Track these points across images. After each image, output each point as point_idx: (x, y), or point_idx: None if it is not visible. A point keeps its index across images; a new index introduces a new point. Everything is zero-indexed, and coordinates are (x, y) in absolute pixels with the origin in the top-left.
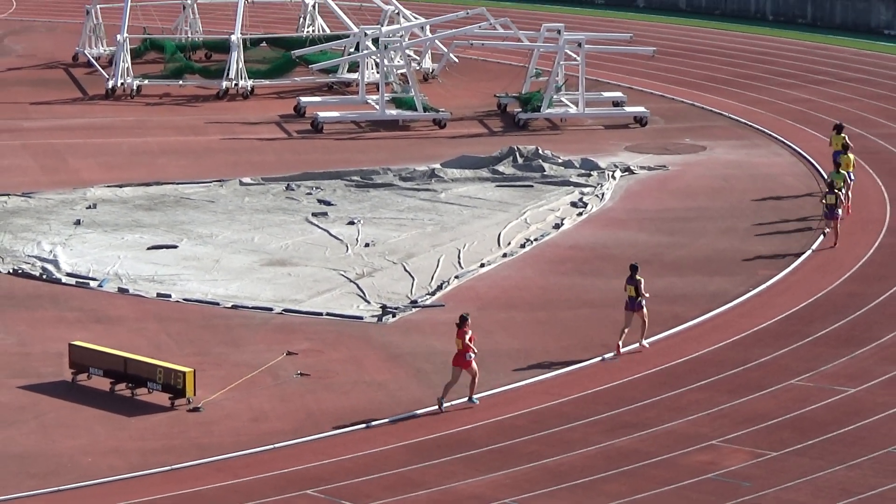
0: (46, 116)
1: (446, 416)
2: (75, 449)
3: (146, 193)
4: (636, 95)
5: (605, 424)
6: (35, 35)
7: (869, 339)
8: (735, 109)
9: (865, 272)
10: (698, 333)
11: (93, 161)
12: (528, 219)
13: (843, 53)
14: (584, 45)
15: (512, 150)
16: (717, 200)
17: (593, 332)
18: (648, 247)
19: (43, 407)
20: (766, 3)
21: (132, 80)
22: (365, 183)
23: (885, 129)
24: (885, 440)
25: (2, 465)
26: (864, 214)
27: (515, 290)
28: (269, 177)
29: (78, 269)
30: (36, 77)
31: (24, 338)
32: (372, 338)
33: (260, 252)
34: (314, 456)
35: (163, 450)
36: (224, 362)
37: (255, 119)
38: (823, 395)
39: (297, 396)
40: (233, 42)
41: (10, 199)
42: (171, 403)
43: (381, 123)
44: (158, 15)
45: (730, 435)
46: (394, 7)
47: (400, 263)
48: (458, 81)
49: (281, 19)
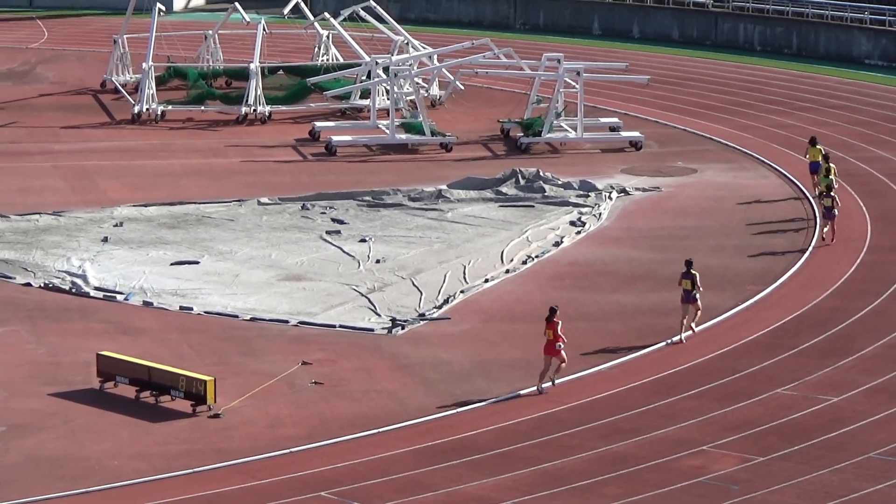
0: (76, 140)
1: (452, 423)
2: (102, 453)
3: (170, 212)
4: (631, 121)
5: (602, 430)
6: (65, 63)
7: (851, 351)
8: (725, 134)
9: (848, 288)
10: (690, 345)
11: (119, 182)
12: (529, 237)
13: (826, 82)
14: (583, 74)
15: (514, 173)
16: (708, 220)
17: (590, 344)
18: (643, 263)
19: (72, 413)
20: (754, 34)
21: (157, 106)
22: (376, 203)
23: (866, 152)
24: (865, 446)
25: (33, 467)
26: (846, 233)
27: (517, 303)
28: (286, 197)
29: (105, 283)
30: (66, 103)
31: (55, 348)
32: (382, 349)
33: (277, 268)
34: (328, 460)
35: (185, 454)
36: (243, 371)
37: (273, 143)
38: (808, 404)
39: (311, 403)
40: (251, 70)
41: (42, 218)
42: (193, 410)
43: (391, 147)
44: (182, 44)
45: (719, 441)
46: (403, 37)
47: (409, 279)
48: (464, 108)
49: (297, 49)
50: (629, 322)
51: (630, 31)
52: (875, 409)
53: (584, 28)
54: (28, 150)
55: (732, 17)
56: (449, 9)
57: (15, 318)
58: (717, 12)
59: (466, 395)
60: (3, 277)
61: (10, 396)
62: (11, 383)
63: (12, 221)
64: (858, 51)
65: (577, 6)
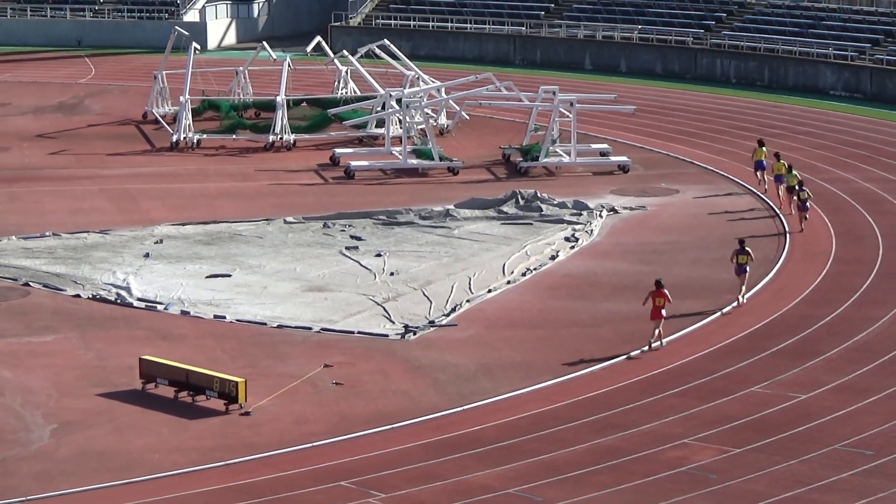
0: (121, 165)
1: (459, 419)
2: (145, 447)
3: (205, 230)
4: (620, 147)
5: (594, 426)
6: (110, 97)
7: (818, 353)
8: (703, 158)
9: (815, 297)
10: (673, 348)
11: (160, 203)
12: (528, 251)
13: (794, 111)
14: (576, 104)
15: (514, 194)
16: (688, 235)
17: (584, 347)
18: (630, 275)
19: (117, 412)
20: (730, 68)
21: (193, 135)
22: (390, 221)
23: (830, 174)
24: (831, 439)
25: (83, 461)
26: (812, 247)
27: (518, 311)
28: (309, 216)
29: (147, 294)
30: (112, 132)
31: (102, 353)
32: (396, 352)
33: (301, 280)
34: (347, 452)
35: (218, 448)
36: (271, 373)
37: (297, 167)
38: (779, 401)
39: (332, 402)
40: (278, 102)
41: (90, 236)
42: (226, 408)
43: (404, 171)
44: (215, 79)
45: (700, 434)
46: (414, 72)
47: (420, 289)
48: (469, 135)
49: (319, 83)
50: (618, 328)
51: (618, 66)
52: (840, 405)
53: (576, 63)
54: (77, 175)
55: (710, 53)
56: (455, 47)
57: (66, 327)
58: (697, 49)
59: (472, 393)
60: (55, 290)
61: (62, 397)
62: (63, 385)
63: (63, 239)
64: (824, 83)
65: (571, 44)
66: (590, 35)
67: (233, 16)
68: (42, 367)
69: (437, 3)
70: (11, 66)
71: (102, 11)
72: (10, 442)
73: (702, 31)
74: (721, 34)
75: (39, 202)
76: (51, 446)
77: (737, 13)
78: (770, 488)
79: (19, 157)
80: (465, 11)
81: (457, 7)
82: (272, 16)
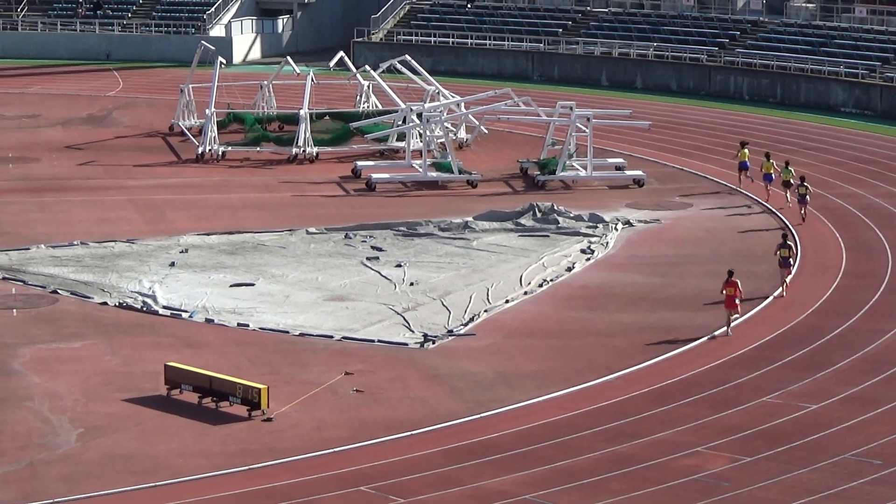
0: (147, 176)
1: (476, 426)
2: (169, 451)
3: (229, 240)
4: (635, 161)
5: (608, 434)
6: (138, 109)
7: (828, 364)
8: (717, 173)
9: (825, 309)
10: (686, 359)
11: (185, 213)
12: (545, 263)
13: (805, 127)
14: (592, 120)
15: (532, 206)
16: (702, 248)
17: (599, 357)
18: (644, 286)
19: (143, 416)
20: (743, 85)
21: (218, 147)
22: (410, 233)
23: (841, 189)
24: (841, 448)
25: (109, 464)
26: (823, 260)
27: (534, 321)
28: (331, 227)
29: (172, 302)
30: (139, 144)
31: (128, 359)
32: (415, 361)
33: (323, 289)
34: (367, 458)
35: (241, 453)
36: (292, 380)
37: (320, 179)
38: (790, 411)
39: (352, 409)
40: (301, 116)
41: (117, 245)
42: (249, 414)
43: (424, 183)
44: (240, 93)
45: (712, 443)
46: (434, 87)
47: (439, 299)
48: (488, 149)
49: (341, 97)
50: (632, 338)
51: (634, 82)
52: (850, 415)
53: (593, 80)
54: (105, 186)
55: (724, 70)
56: (475, 62)
57: (93, 333)
58: (711, 66)
59: (489, 401)
60: (83, 297)
61: (89, 401)
62: (90, 390)
63: (91, 248)
64: (835, 100)
65: (588, 60)
66: (606, 52)
67: (258, 31)
68: (69, 373)
69: (457, 19)
70: (42, 78)
71: (131, 26)
72: (38, 445)
73: (716, 48)
74: (735, 52)
75: (68, 212)
76: (77, 450)
77: (750, 32)
78: (781, 496)
79: (49, 167)
80: (484, 28)
81: (476, 24)
82: (296, 31)
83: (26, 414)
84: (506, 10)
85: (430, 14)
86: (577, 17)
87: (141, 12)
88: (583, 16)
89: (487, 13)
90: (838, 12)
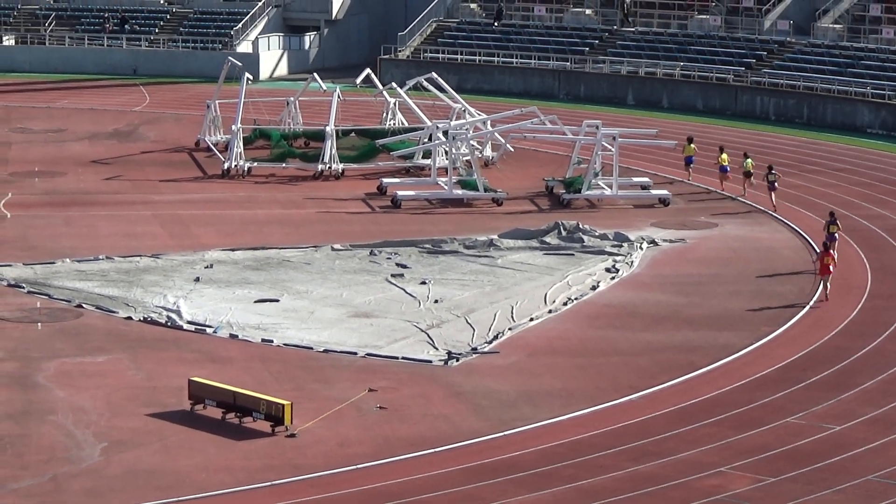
0: (173, 192)
1: (499, 444)
2: (192, 467)
3: (254, 256)
4: (660, 180)
5: (632, 453)
6: (164, 124)
7: (853, 385)
8: (742, 193)
9: (850, 329)
10: (710, 378)
11: (211, 229)
12: (569, 281)
13: (832, 148)
14: (618, 139)
15: (557, 225)
16: (727, 268)
17: (623, 376)
18: (669, 306)
19: (166, 431)
20: (769, 105)
21: (244, 163)
22: (435, 250)
23: (867, 210)
24: (865, 469)
25: (132, 478)
26: (849, 280)
27: (559, 340)
28: (356, 244)
29: (197, 318)
30: (165, 159)
31: (152, 374)
32: (439, 378)
33: (347, 306)
34: (390, 475)
35: (264, 468)
36: (316, 397)
37: (345, 196)
38: (814, 432)
39: (376, 425)
40: (327, 132)
41: (142, 260)
42: (272, 430)
43: (449, 201)
44: (266, 109)
45: (735, 463)
46: (461, 105)
47: (463, 317)
48: (513, 167)
49: (367, 114)
50: (656, 357)
51: (660, 101)
52: (874, 437)
53: (619, 99)
54: (131, 200)
55: (750, 90)
56: (501, 80)
57: (118, 348)
58: (737, 86)
59: (512, 419)
60: (108, 311)
61: (113, 416)
62: (114, 404)
63: (116, 262)
64: (861, 121)
65: (614, 79)
66: (633, 71)
67: (284, 47)
68: (94, 387)
69: (484, 37)
70: (69, 93)
71: (158, 41)
72: (62, 459)
73: (742, 68)
74: (761, 72)
75: (93, 226)
76: (101, 464)
77: (777, 52)
78: None
79: (75, 181)
80: (511, 46)
81: (503, 42)
82: (323, 48)
83: (50, 428)
84: (532, 28)
85: (457, 32)
86: (603, 36)
87: (168, 27)
88: (609, 35)
89: (514, 31)
90: (865, 33)
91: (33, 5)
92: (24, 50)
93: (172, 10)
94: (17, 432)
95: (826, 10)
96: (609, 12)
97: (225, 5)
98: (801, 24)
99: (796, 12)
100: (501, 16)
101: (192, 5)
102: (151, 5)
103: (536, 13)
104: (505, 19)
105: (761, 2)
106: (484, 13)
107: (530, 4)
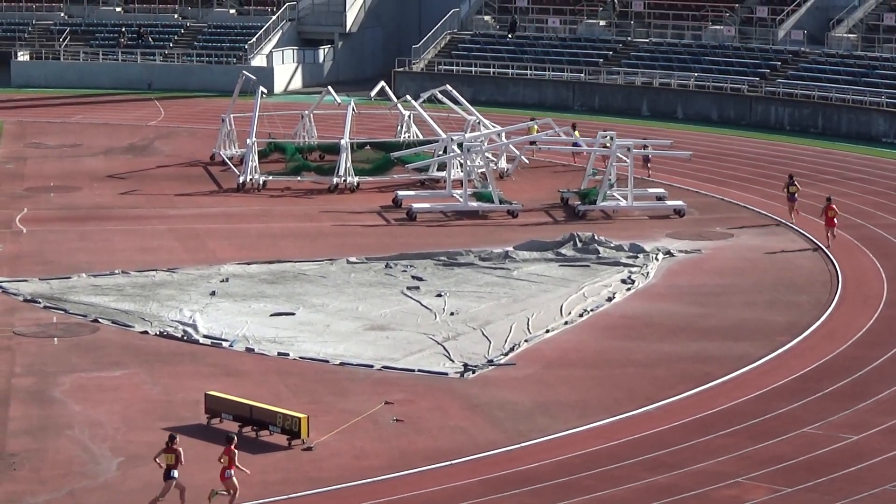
0: (188, 206)
1: (516, 456)
2: (209, 480)
3: (269, 270)
4: (676, 191)
5: (649, 464)
6: (179, 139)
7: (869, 395)
8: (757, 203)
9: (866, 339)
10: (726, 389)
11: (226, 242)
12: (585, 293)
13: (847, 157)
14: (633, 150)
15: (572, 236)
16: (743, 278)
17: (639, 387)
18: (684, 316)
19: (182, 445)
20: (784, 115)
21: (259, 177)
22: (450, 262)
23: (882, 220)
24: (882, 479)
25: (149, 492)
26: (865, 290)
27: (575, 351)
28: (372, 256)
29: (213, 331)
30: (180, 173)
31: (168, 388)
32: (455, 390)
33: (363, 319)
34: (407, 488)
35: (281, 481)
36: (332, 410)
37: (360, 209)
38: (830, 442)
39: (392, 438)
40: (342, 145)
41: (158, 274)
42: (289, 443)
43: (464, 213)
44: (281, 123)
45: (752, 473)
46: (475, 117)
47: (479, 329)
48: (528, 179)
49: (382, 127)
50: (672, 368)
51: (675, 112)
52: (891, 446)
53: (634, 110)
54: (146, 215)
55: (765, 100)
56: (515, 92)
57: (134, 362)
58: (752, 96)
59: (529, 431)
60: (124, 326)
61: (129, 430)
62: (130, 419)
63: (132, 277)
64: (876, 130)
65: (628, 90)
66: (647, 82)
67: (299, 61)
68: (110, 402)
69: (498, 49)
70: (84, 108)
71: (172, 55)
72: (79, 474)
73: (757, 79)
74: (776, 82)
75: (109, 240)
76: (117, 478)
77: (791, 62)
78: None
79: (90, 196)
80: (525, 58)
81: (517, 54)
82: (337, 61)
83: (67, 442)
84: (546, 39)
85: (471, 44)
86: (617, 47)
87: (182, 42)
88: (623, 46)
89: (528, 43)
90: (880, 42)
91: (48, 21)
92: (39, 65)
93: (187, 24)
94: (33, 447)
95: (840, 19)
96: (623, 23)
97: (239, 19)
98: (815, 33)
99: (810, 22)
100: (515, 28)
101: (207, 19)
102: (166, 20)
103: (550, 24)
104: (519, 31)
105: (775, 12)
106: (498, 25)
107: (544, 16)
